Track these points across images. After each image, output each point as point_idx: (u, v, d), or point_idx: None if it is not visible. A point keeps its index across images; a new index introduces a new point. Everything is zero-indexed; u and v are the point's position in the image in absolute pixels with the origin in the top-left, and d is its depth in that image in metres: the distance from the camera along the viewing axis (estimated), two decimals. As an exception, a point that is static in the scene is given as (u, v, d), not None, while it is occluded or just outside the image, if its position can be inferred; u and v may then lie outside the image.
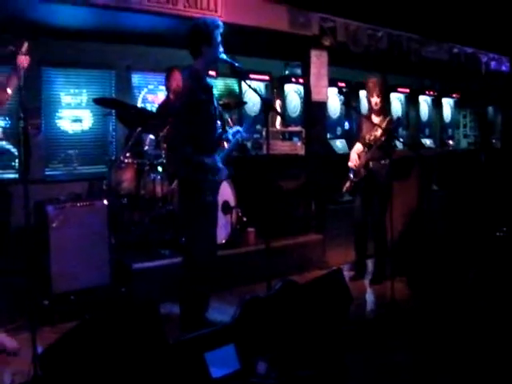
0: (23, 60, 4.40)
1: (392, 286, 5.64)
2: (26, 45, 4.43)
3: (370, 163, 6.57)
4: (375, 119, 6.63)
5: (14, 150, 4.37)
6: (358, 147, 6.76)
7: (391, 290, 5.62)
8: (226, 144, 5.24)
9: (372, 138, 6.52)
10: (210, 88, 4.86)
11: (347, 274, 6.71)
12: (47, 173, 8.11)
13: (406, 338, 5.11)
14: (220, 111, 5.07)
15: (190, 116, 4.62)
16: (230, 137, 5.09)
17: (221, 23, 4.73)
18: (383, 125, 6.38)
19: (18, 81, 4.41)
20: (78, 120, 8.51)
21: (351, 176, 6.72)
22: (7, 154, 6.69)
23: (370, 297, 6.55)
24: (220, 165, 4.79)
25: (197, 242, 4.84)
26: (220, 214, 6.53)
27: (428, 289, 6.23)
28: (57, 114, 8.33)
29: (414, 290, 6.33)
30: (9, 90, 4.48)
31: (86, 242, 5.45)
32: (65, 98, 8.40)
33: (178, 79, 7.00)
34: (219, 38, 4.70)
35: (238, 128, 5.16)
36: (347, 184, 6.76)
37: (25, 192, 3.74)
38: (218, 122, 5.10)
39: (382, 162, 6.51)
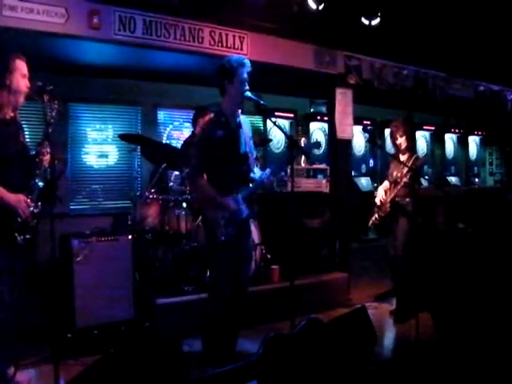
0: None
1: (417, 323, 5.55)
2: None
3: (396, 200, 6.54)
4: (402, 157, 6.65)
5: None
6: (386, 184, 6.76)
7: (416, 327, 5.53)
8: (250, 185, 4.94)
9: (399, 175, 6.51)
10: (232, 126, 4.74)
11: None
12: (72, 207, 8.19)
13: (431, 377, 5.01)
14: (248, 151, 4.83)
15: (206, 152, 4.61)
16: (257, 178, 4.87)
17: (247, 62, 4.69)
18: (409, 163, 6.38)
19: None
20: (103, 155, 8.62)
21: (376, 210, 6.69)
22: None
23: (393, 335, 6.44)
24: (241, 205, 4.67)
25: (215, 280, 4.81)
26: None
27: (454, 326, 6.12)
28: (83, 150, 8.45)
29: (439, 329, 6.22)
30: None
31: (110, 276, 5.46)
32: (91, 134, 8.52)
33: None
34: (244, 76, 4.64)
35: (268, 170, 4.85)
36: (373, 217, 6.72)
37: (51, 226, 3.77)
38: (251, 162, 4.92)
39: (407, 199, 6.49)
